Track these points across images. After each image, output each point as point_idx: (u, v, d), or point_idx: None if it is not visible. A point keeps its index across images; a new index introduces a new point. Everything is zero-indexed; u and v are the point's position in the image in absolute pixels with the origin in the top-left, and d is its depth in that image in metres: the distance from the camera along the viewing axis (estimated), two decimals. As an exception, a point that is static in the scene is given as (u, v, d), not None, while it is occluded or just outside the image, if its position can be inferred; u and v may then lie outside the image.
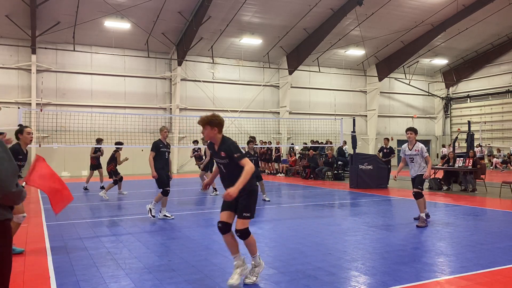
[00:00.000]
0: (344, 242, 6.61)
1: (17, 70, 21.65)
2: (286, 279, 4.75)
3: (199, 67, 25.47)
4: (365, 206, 10.77)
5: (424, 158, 7.94)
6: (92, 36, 22.32)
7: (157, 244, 6.54)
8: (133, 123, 20.61)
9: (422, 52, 28.25)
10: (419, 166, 7.97)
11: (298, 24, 23.38)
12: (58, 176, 5.55)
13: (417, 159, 7.94)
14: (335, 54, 27.82)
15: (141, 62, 24.24)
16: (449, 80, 33.20)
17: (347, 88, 30.13)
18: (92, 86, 23.21)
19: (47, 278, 4.84)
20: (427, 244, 6.44)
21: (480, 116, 30.90)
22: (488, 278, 4.75)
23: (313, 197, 12.70)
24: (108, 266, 5.31)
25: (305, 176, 19.73)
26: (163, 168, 8.63)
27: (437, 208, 10.07)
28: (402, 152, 8.23)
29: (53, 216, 9.18)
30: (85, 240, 6.83)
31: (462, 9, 23.70)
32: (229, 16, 21.69)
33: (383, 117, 31.53)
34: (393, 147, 16.50)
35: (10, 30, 20.52)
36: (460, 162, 13.77)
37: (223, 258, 5.62)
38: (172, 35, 23.26)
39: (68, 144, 19.84)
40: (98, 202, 11.63)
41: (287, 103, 27.14)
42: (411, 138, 7.99)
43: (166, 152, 8.79)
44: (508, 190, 12.39)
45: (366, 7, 21.86)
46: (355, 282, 4.67)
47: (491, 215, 9.36)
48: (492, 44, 29.47)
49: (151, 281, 4.71)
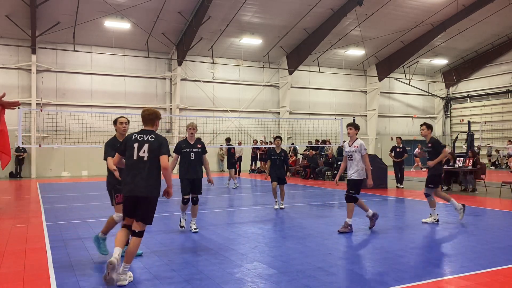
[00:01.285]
0: (344, 242, 6.61)
1: (17, 70, 21.66)
2: (286, 279, 4.75)
3: (199, 67, 25.47)
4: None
5: (362, 157, 7.31)
6: (92, 36, 22.32)
7: (157, 244, 6.54)
8: (133, 123, 20.50)
9: (422, 52, 28.26)
10: (356, 165, 7.32)
11: (298, 24, 23.39)
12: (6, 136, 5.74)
13: (355, 156, 7.34)
14: (335, 54, 27.82)
15: (141, 62, 24.24)
16: (449, 80, 33.20)
17: (347, 88, 30.13)
18: (92, 86, 23.22)
19: (47, 278, 4.84)
20: (427, 244, 6.44)
21: (480, 116, 30.90)
22: (488, 278, 4.75)
23: (313, 197, 12.70)
24: (108, 266, 5.30)
25: (305, 176, 19.74)
26: (186, 172, 7.35)
27: (437, 208, 10.05)
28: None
29: (53, 216, 9.19)
30: (85, 240, 6.82)
31: (462, 9, 23.70)
32: (229, 16, 21.69)
33: (383, 117, 31.53)
34: (406, 147, 16.04)
35: (10, 30, 20.52)
36: (460, 162, 13.77)
37: (223, 258, 5.62)
38: (172, 35, 23.26)
39: (68, 144, 19.85)
40: (98, 202, 11.63)
41: (287, 103, 27.14)
42: (350, 134, 7.47)
43: (191, 153, 7.41)
44: (508, 190, 12.39)
45: (366, 7, 21.86)
46: (355, 282, 4.67)
47: (491, 215, 9.36)
48: (492, 44, 29.48)
49: (151, 281, 4.71)
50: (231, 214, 9.65)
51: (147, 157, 4.66)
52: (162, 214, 9.46)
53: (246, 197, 13.42)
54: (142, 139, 4.73)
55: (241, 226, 7.97)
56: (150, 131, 4.86)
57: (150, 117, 4.89)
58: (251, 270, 5.09)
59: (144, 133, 4.79)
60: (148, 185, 4.63)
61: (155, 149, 4.69)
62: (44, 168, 21.87)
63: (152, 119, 4.90)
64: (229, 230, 7.59)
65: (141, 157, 4.67)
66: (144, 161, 4.65)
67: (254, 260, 5.55)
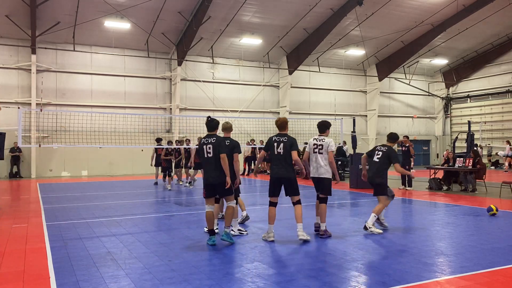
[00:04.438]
0: (344, 242, 6.62)
1: (17, 70, 21.65)
2: (286, 279, 4.75)
3: (199, 67, 25.47)
4: (365, 206, 10.76)
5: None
6: (92, 36, 22.32)
7: (157, 244, 6.54)
8: (133, 123, 20.61)
9: (422, 52, 28.25)
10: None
11: (298, 24, 23.39)
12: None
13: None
14: (335, 54, 27.82)
15: (141, 62, 24.24)
16: (449, 80, 33.20)
17: (347, 88, 30.13)
18: (92, 86, 23.21)
19: (47, 278, 4.84)
20: (427, 244, 6.44)
21: (480, 116, 30.90)
22: (488, 278, 4.75)
23: (313, 197, 12.63)
24: (108, 266, 5.31)
25: (305, 176, 19.68)
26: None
27: (437, 208, 10.07)
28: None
29: (53, 216, 9.19)
30: (85, 240, 6.83)
31: (462, 9, 23.70)
32: (229, 16, 21.69)
33: (383, 117, 31.53)
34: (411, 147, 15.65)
35: (10, 30, 20.52)
36: (460, 162, 13.76)
37: (223, 258, 5.63)
38: (172, 35, 23.26)
39: (68, 144, 19.85)
40: (98, 202, 11.63)
41: (287, 103, 27.14)
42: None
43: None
44: (508, 190, 12.39)
45: (366, 7, 21.86)
46: (355, 282, 4.67)
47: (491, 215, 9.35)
48: (492, 44, 29.47)
49: (151, 281, 4.71)
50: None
51: (283, 152, 6.68)
52: (163, 214, 9.46)
53: (246, 197, 13.42)
54: (280, 140, 6.69)
55: (241, 226, 7.96)
56: (284, 134, 6.78)
57: (282, 125, 6.88)
58: (251, 270, 5.09)
59: (280, 136, 6.78)
60: (284, 171, 6.71)
61: (287, 146, 6.72)
62: (44, 168, 21.87)
63: (284, 126, 6.88)
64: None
65: (279, 152, 6.69)
66: (281, 155, 6.66)
67: (254, 260, 5.55)
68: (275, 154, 6.73)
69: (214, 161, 6.49)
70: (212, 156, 6.50)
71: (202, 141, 6.69)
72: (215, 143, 6.54)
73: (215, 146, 6.53)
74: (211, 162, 6.53)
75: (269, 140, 6.85)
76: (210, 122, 6.75)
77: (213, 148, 6.51)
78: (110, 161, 22.74)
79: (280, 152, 6.66)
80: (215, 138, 6.59)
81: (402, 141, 15.12)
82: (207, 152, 6.56)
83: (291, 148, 6.62)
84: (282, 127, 6.85)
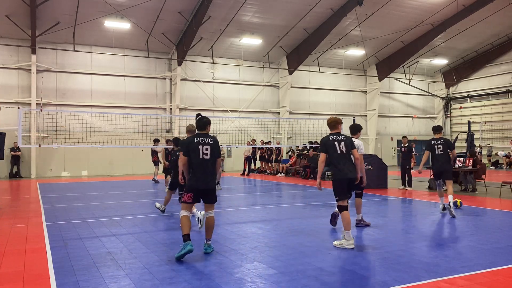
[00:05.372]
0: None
1: (17, 70, 21.65)
2: (286, 279, 4.75)
3: (199, 67, 25.47)
4: (365, 206, 10.73)
5: None
6: (92, 36, 22.33)
7: (157, 244, 6.54)
8: (133, 123, 20.62)
9: (422, 52, 28.26)
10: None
11: (298, 24, 23.39)
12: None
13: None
14: (335, 54, 27.82)
15: (141, 62, 24.24)
16: (449, 80, 33.21)
17: (347, 88, 30.14)
18: (92, 86, 23.22)
19: (47, 278, 4.84)
20: (427, 244, 6.44)
21: (480, 116, 30.90)
22: (488, 278, 4.75)
23: (313, 197, 12.69)
24: (108, 266, 5.31)
25: (305, 176, 19.74)
26: None
27: (437, 208, 10.07)
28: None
29: (53, 216, 9.19)
30: (85, 240, 6.83)
31: (462, 9, 23.70)
32: (229, 16, 21.69)
33: (383, 117, 31.53)
34: (412, 147, 15.57)
35: (10, 30, 20.52)
36: (460, 162, 13.76)
37: (223, 258, 5.62)
38: (172, 35, 23.26)
39: (68, 144, 19.86)
40: (98, 202, 11.63)
41: (287, 103, 27.14)
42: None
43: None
44: (508, 190, 12.39)
45: (366, 7, 21.86)
46: (355, 282, 4.67)
47: (491, 215, 9.36)
48: (492, 44, 29.48)
49: (151, 281, 4.71)
50: (230, 214, 9.64)
51: (345, 150, 6.49)
52: (162, 214, 9.45)
53: (247, 197, 13.42)
54: (339, 139, 6.51)
55: (241, 226, 7.97)
56: (339, 133, 6.65)
57: (333, 123, 6.72)
58: (251, 270, 5.09)
59: (337, 135, 6.59)
60: (352, 170, 6.49)
61: (348, 145, 6.58)
62: (44, 168, 21.87)
63: (335, 126, 6.69)
64: (229, 230, 7.59)
65: (342, 150, 6.47)
66: (344, 154, 6.45)
67: (254, 260, 5.55)
68: (337, 153, 6.43)
69: (211, 164, 5.90)
70: (209, 159, 5.85)
71: (195, 140, 5.85)
72: (213, 145, 5.90)
73: (213, 147, 5.90)
74: (207, 165, 5.86)
75: (325, 141, 6.51)
76: (201, 120, 6.02)
77: (211, 150, 5.87)
78: (110, 161, 22.75)
79: (343, 151, 6.44)
80: (212, 138, 5.93)
81: (402, 141, 15.52)
82: (203, 153, 5.83)
83: (352, 147, 6.52)
84: (333, 126, 6.66)
